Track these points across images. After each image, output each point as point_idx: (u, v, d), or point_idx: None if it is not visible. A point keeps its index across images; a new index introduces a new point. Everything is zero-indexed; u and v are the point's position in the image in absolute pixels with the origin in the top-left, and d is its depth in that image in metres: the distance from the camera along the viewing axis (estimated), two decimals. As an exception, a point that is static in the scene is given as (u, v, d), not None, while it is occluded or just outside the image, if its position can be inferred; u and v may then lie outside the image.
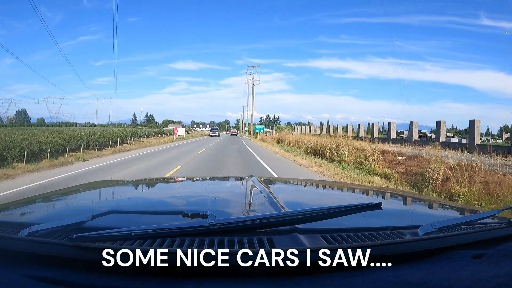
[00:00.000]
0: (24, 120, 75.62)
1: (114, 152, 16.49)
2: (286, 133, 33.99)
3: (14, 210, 1.12)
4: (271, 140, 30.07)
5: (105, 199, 1.39)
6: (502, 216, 0.90)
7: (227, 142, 28.08)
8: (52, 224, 0.70)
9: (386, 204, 1.23)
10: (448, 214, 1.26)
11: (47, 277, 0.59)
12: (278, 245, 0.67)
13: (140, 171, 9.32)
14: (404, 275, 0.60)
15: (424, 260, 0.66)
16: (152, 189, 1.69)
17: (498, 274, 0.59)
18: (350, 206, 0.82)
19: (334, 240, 0.71)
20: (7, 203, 1.20)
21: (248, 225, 0.73)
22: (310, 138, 20.73)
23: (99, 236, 0.65)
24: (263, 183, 1.42)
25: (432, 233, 0.73)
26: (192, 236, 0.70)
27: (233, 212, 1.08)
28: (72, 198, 1.39)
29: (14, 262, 0.63)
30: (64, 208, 1.23)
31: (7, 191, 6.25)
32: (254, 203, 1.22)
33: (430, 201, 1.81)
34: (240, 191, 1.65)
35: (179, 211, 0.72)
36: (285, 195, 1.50)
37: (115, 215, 0.83)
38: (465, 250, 0.70)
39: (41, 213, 1.15)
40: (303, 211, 0.80)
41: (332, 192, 1.72)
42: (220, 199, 1.33)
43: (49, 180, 7.75)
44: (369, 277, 0.59)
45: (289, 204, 1.09)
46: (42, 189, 6.40)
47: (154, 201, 1.35)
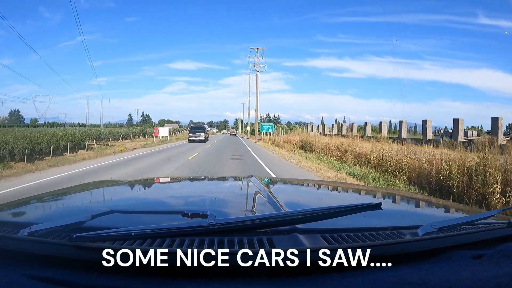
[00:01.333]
0: (17, 121, 74.69)
1: (28, 171, 9.47)
2: (305, 133, 26.24)
3: (14, 210, 1.12)
4: (288, 145, 20.64)
5: (105, 199, 1.39)
6: (502, 216, 0.90)
7: (222, 150, 18.86)
8: (52, 223, 0.70)
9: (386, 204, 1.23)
10: (448, 214, 1.26)
11: (47, 277, 0.59)
12: (278, 245, 0.67)
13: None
14: (404, 275, 0.60)
15: (424, 260, 0.66)
16: (152, 189, 1.68)
17: (498, 274, 0.59)
18: (350, 206, 0.82)
19: (334, 240, 0.71)
20: (7, 203, 1.20)
21: (248, 225, 0.73)
22: (352, 142, 13.63)
23: (99, 236, 0.65)
24: (263, 183, 1.42)
25: (432, 233, 0.73)
26: (192, 236, 0.70)
27: (233, 212, 1.08)
28: (72, 198, 1.39)
29: (14, 262, 0.63)
30: (64, 208, 1.23)
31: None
32: (254, 203, 1.22)
33: (430, 201, 1.81)
34: (240, 191, 1.65)
35: (179, 211, 0.72)
36: (285, 195, 1.50)
37: (115, 215, 0.83)
38: (465, 250, 0.70)
39: (41, 213, 1.15)
40: (303, 211, 0.80)
41: (332, 192, 1.72)
42: (220, 199, 1.33)
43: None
44: (369, 277, 0.59)
45: (289, 204, 1.09)
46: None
47: (154, 201, 1.35)
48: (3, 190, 6.67)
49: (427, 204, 1.44)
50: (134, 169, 10.20)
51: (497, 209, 0.94)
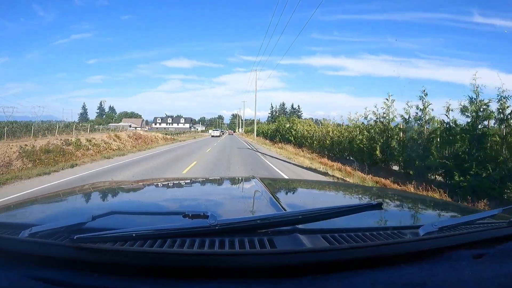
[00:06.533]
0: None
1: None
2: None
3: (15, 211, 1.12)
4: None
5: (106, 200, 1.39)
6: (503, 215, 0.90)
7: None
8: (52, 225, 0.70)
9: (386, 204, 1.23)
10: (449, 214, 1.26)
11: (48, 278, 0.59)
12: (279, 245, 0.67)
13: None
14: (405, 275, 0.60)
15: (424, 260, 0.66)
16: (152, 189, 1.68)
17: (499, 273, 0.59)
18: (350, 206, 0.82)
19: (334, 240, 0.71)
20: (8, 204, 1.20)
21: (248, 226, 0.73)
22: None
23: (100, 237, 0.65)
24: (264, 184, 1.42)
25: (432, 233, 0.73)
26: (193, 236, 0.70)
27: (234, 213, 1.08)
28: (73, 199, 1.39)
29: (15, 263, 0.63)
30: (64, 209, 1.23)
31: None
32: (255, 203, 1.22)
33: (430, 201, 1.80)
34: (241, 191, 1.65)
35: (180, 212, 0.72)
36: (286, 195, 1.50)
37: (116, 216, 0.83)
38: (465, 250, 0.70)
39: (42, 214, 1.15)
40: (303, 212, 0.80)
41: (333, 193, 1.72)
42: (221, 199, 1.33)
43: None
44: (370, 277, 0.59)
45: (290, 205, 1.09)
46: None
47: (155, 202, 1.35)
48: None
49: (428, 204, 1.44)
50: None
51: (498, 209, 0.94)
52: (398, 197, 1.59)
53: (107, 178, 7.64)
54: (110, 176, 8.35)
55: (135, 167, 10.01)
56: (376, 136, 10.94)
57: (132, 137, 21.77)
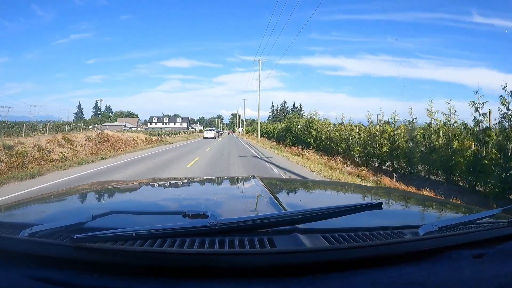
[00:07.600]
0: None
1: None
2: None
3: (15, 211, 1.12)
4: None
5: (106, 199, 1.39)
6: (503, 215, 0.90)
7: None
8: (52, 224, 0.70)
9: (386, 204, 1.23)
10: (449, 213, 1.26)
11: (48, 277, 0.59)
12: (278, 245, 0.68)
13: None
14: (405, 275, 0.60)
15: (424, 260, 0.66)
16: (152, 189, 1.68)
17: (499, 273, 0.60)
18: (350, 206, 0.82)
19: (334, 240, 0.71)
20: (8, 204, 1.20)
21: (248, 225, 0.73)
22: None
23: (100, 236, 0.65)
24: (264, 184, 1.42)
25: (432, 233, 0.73)
26: (193, 236, 0.70)
27: (234, 212, 1.08)
28: (73, 198, 1.39)
29: (15, 262, 0.63)
30: (64, 209, 1.23)
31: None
32: (255, 203, 1.22)
33: (430, 200, 1.80)
34: (241, 191, 1.65)
35: (180, 211, 0.72)
36: (286, 195, 1.50)
37: (116, 215, 0.83)
38: (465, 249, 0.70)
39: (42, 213, 1.15)
40: (303, 211, 0.80)
41: (333, 192, 1.72)
42: (221, 199, 1.33)
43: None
44: (370, 277, 0.59)
45: (290, 204, 1.09)
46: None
47: (155, 202, 1.35)
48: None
49: (428, 203, 1.44)
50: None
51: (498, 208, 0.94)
52: (398, 197, 1.59)
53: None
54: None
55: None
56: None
57: (94, 140, 15.61)
